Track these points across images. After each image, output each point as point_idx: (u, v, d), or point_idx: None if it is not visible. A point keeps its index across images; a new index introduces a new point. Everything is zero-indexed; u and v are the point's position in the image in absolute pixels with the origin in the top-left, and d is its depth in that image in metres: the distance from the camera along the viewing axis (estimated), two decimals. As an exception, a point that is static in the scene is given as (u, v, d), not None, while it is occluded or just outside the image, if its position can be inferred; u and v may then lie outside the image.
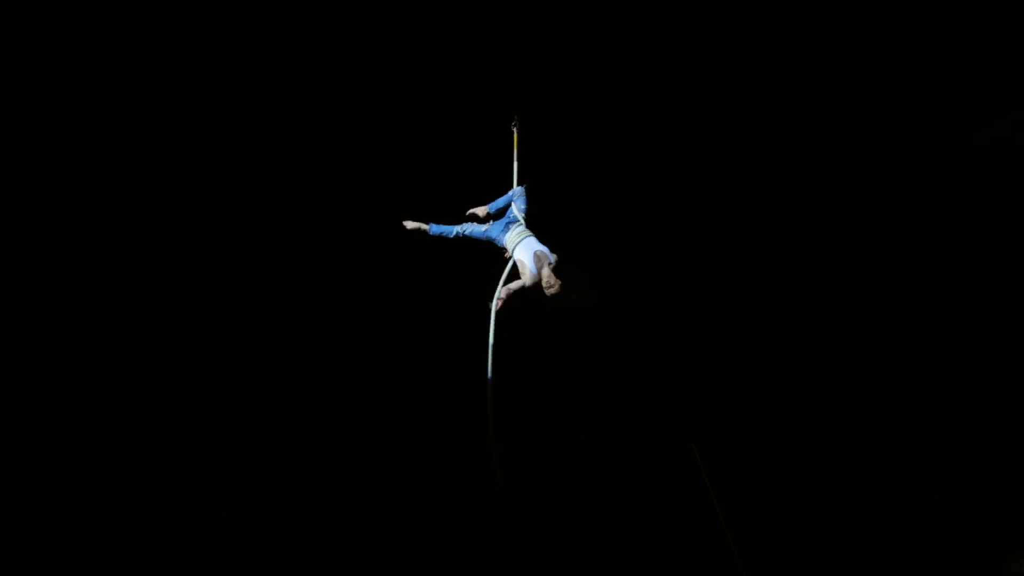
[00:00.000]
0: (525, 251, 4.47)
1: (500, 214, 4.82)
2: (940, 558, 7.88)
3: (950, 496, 8.03)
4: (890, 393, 8.38)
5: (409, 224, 4.97)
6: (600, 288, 8.45)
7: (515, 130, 5.29)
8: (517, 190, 4.88)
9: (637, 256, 8.42)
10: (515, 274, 4.63)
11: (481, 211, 4.84)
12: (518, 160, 5.14)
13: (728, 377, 8.44)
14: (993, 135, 7.72)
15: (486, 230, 4.74)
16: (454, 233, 4.83)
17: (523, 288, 4.49)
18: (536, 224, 4.76)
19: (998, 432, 8.08)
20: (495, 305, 4.51)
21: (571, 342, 8.31)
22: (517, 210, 4.73)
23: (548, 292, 4.35)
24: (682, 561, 8.29)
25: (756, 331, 8.45)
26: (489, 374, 4.54)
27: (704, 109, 7.72)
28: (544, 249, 4.45)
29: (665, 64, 7.37)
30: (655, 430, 8.53)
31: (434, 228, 4.89)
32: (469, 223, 4.84)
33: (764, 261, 8.60)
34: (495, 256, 5.04)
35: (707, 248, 8.54)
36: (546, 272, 4.32)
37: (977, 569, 7.81)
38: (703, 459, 7.97)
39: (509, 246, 4.60)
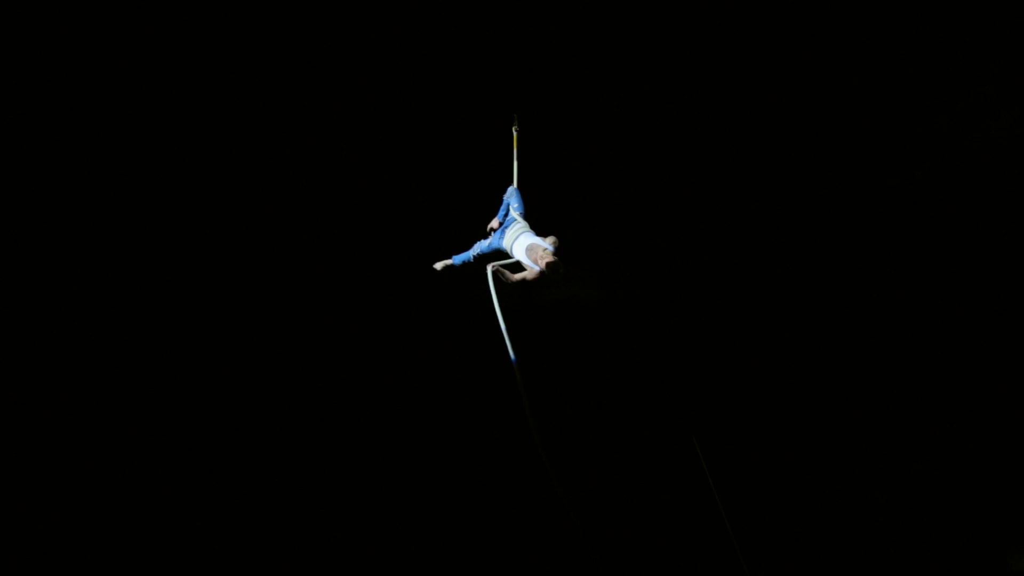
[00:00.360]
0: (520, 250, 4.39)
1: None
2: (941, 553, 7.91)
3: (951, 491, 8.06)
4: (891, 389, 8.43)
5: (438, 265, 4.92)
6: (603, 284, 8.55)
7: (515, 131, 5.16)
8: (508, 191, 4.77)
9: (640, 252, 8.50)
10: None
11: (496, 222, 4.72)
12: (518, 160, 5.03)
13: (730, 371, 8.51)
14: (990, 134, 7.76)
15: (491, 243, 4.62)
16: (471, 256, 4.73)
17: (524, 281, 4.40)
18: (541, 223, 4.64)
19: (998, 427, 8.11)
20: (490, 268, 4.46)
21: (574, 338, 8.41)
22: (513, 211, 4.61)
23: (549, 268, 4.20)
24: (683, 555, 8.35)
25: (757, 326, 8.52)
26: (511, 355, 4.44)
27: (708, 107, 7.81)
28: (536, 240, 4.34)
29: (670, 62, 7.45)
30: (656, 424, 8.61)
31: (456, 259, 4.82)
32: (479, 242, 4.73)
33: (766, 256, 8.66)
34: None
35: (710, 243, 8.62)
36: (542, 255, 4.21)
37: (978, 565, 7.84)
38: (704, 453, 8.04)
39: (508, 248, 4.49)
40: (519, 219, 4.54)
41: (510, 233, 4.48)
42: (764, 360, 8.69)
